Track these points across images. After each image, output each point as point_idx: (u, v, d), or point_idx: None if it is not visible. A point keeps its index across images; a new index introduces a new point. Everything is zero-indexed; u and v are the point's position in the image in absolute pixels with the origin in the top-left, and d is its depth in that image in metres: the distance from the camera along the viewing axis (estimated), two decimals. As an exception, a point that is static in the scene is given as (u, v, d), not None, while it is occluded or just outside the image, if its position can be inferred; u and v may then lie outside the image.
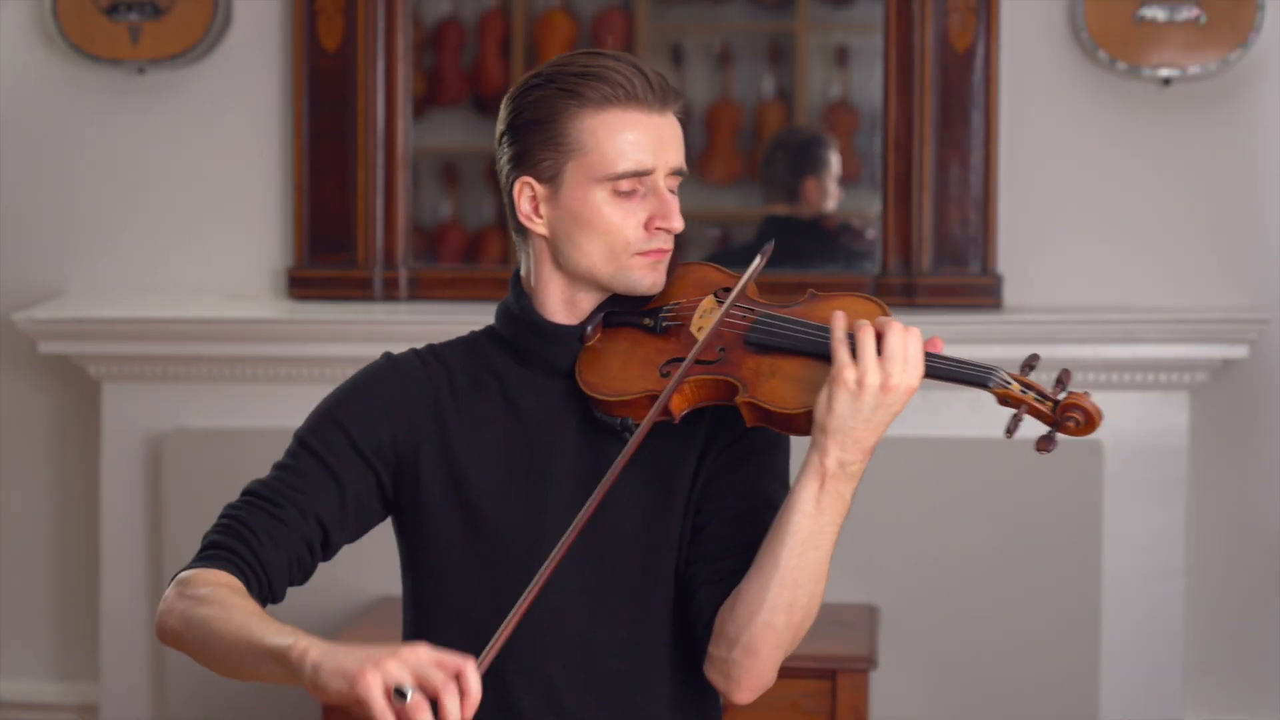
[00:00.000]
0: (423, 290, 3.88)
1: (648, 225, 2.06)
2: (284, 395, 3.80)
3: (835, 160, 4.00)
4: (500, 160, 2.10)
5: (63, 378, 3.99)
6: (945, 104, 3.73)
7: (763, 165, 4.12)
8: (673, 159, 2.07)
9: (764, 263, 2.04)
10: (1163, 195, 3.76)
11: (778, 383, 1.99)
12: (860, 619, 3.61)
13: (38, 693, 4.06)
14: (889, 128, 3.76)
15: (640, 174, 2.04)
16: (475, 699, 1.73)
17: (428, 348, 2.15)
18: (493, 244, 4.17)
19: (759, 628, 1.97)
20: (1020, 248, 3.77)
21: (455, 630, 2.06)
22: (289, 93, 3.89)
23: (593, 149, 2.04)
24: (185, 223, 3.94)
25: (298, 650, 1.79)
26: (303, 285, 3.88)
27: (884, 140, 3.77)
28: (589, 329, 2.09)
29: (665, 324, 2.08)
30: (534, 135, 2.06)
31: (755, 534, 2.02)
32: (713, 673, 2.04)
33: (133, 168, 3.95)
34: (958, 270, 3.75)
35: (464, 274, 3.98)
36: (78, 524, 4.01)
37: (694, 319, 2.07)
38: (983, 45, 3.72)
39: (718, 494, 2.07)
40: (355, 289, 3.87)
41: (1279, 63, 3.73)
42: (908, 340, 1.93)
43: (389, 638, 2.02)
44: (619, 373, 2.06)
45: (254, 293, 3.94)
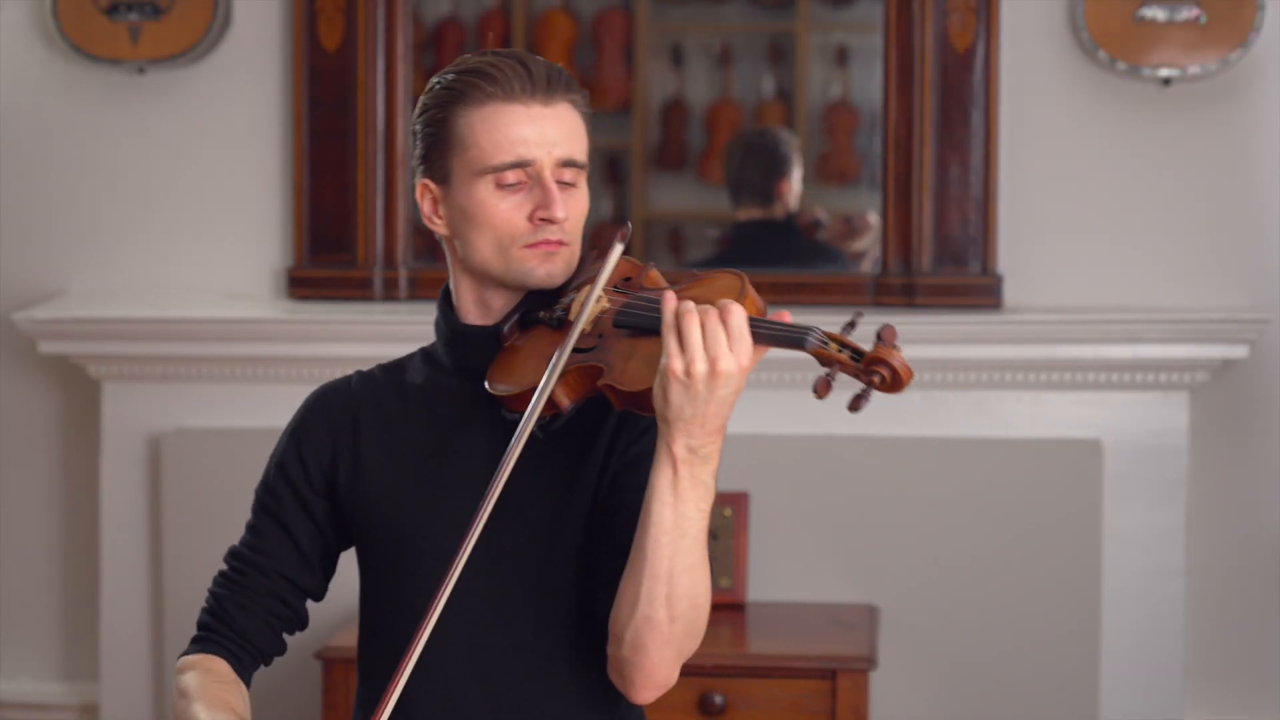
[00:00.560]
0: (423, 290, 3.88)
1: (532, 217, 2.06)
2: (284, 395, 3.77)
3: (798, 156, 3.99)
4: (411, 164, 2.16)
5: (63, 378, 3.99)
6: (945, 104, 3.72)
7: (734, 170, 4.06)
8: (559, 150, 2.06)
9: (622, 247, 1.99)
10: (1163, 195, 3.76)
11: (634, 363, 1.96)
12: (860, 619, 3.61)
13: (38, 693, 4.05)
14: (889, 128, 3.76)
15: (519, 165, 2.05)
16: None
17: (373, 368, 2.21)
18: (492, 244, 4.16)
19: (640, 623, 1.95)
20: (1020, 247, 3.77)
21: (368, 634, 2.15)
22: (289, 93, 3.89)
23: (472, 144, 2.05)
24: (185, 222, 3.94)
25: None
26: (303, 285, 3.88)
27: (884, 140, 3.76)
28: (505, 329, 2.09)
29: (558, 317, 2.07)
30: (427, 137, 2.10)
31: None
32: (612, 673, 2.03)
33: (133, 168, 3.94)
34: (958, 270, 3.74)
35: (464, 274, 3.97)
36: (78, 524, 4.01)
37: (573, 308, 2.06)
38: (983, 45, 3.72)
39: (615, 493, 2.06)
40: (355, 289, 3.86)
41: (1279, 63, 3.73)
42: (730, 321, 1.88)
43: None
44: (518, 369, 2.05)
45: (254, 293, 3.93)
